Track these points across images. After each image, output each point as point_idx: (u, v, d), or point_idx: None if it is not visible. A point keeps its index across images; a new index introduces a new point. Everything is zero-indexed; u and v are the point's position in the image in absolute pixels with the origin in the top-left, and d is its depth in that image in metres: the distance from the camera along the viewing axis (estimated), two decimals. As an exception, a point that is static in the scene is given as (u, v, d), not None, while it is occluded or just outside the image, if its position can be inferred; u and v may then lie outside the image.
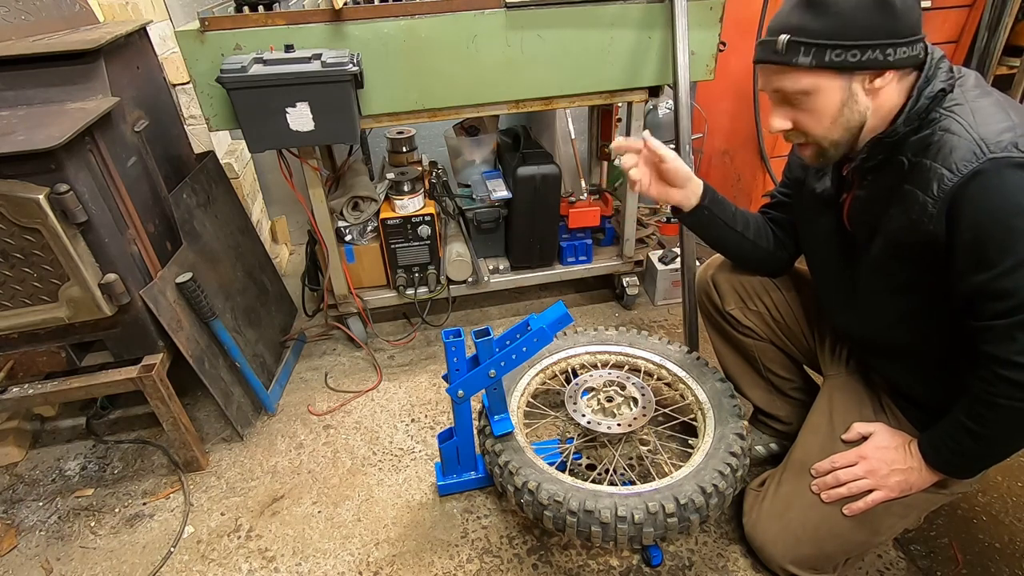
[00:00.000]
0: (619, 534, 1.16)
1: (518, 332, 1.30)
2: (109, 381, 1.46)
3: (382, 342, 2.11)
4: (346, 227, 1.96)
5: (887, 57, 0.90)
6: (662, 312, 2.21)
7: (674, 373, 1.54)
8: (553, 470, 1.28)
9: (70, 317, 1.35)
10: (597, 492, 1.20)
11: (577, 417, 1.40)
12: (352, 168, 2.13)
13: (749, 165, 2.33)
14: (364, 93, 1.61)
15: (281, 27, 1.51)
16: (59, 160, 1.21)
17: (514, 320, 2.20)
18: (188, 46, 1.50)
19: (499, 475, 1.30)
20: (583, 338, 1.66)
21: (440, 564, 1.36)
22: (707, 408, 1.42)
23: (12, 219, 1.22)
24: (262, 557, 1.40)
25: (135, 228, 1.48)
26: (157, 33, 1.94)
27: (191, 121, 2.15)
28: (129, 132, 1.51)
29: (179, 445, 1.59)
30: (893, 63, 0.90)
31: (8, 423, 1.72)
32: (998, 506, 1.42)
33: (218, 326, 1.62)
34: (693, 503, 1.17)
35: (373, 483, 1.58)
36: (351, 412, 1.82)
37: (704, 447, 1.31)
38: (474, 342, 1.28)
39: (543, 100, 1.76)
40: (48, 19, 1.60)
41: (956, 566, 1.30)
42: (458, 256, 2.01)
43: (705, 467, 1.24)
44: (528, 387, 1.57)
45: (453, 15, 1.56)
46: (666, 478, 1.23)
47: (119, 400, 1.90)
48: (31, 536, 1.49)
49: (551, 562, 1.35)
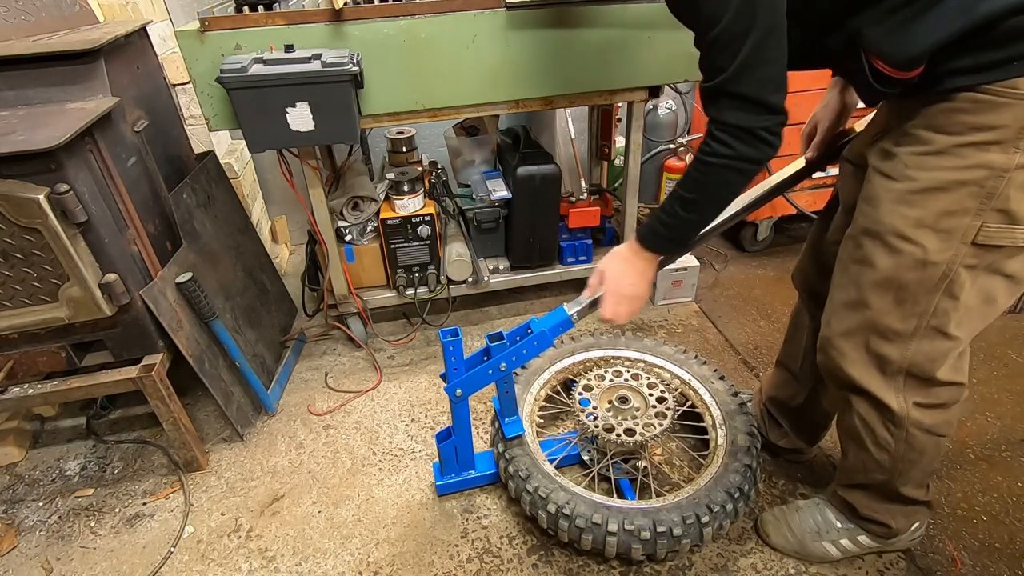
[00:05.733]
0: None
1: (519, 335, 1.30)
2: (109, 381, 1.46)
3: (382, 342, 2.11)
4: (346, 227, 1.96)
5: None
6: (662, 312, 2.21)
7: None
8: (572, 483, 1.30)
9: (70, 317, 1.35)
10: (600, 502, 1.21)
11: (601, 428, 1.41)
12: (352, 168, 2.12)
13: (749, 165, 2.33)
14: (364, 93, 1.61)
15: (281, 27, 1.51)
16: (59, 160, 1.21)
17: (514, 320, 2.20)
18: (188, 46, 1.50)
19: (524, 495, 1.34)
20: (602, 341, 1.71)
21: (440, 564, 1.36)
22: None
23: (12, 219, 1.22)
24: (262, 557, 1.40)
25: (135, 228, 1.48)
26: (157, 33, 1.94)
27: (191, 121, 2.15)
28: (129, 132, 1.51)
29: (179, 445, 1.59)
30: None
31: (8, 423, 1.72)
32: (998, 506, 1.42)
33: (218, 326, 1.62)
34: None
35: (373, 483, 1.58)
36: (351, 412, 1.82)
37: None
38: (488, 346, 1.28)
39: (543, 100, 1.76)
40: (48, 19, 1.60)
41: (956, 566, 1.30)
42: (458, 256, 2.01)
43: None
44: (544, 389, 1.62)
45: (453, 15, 1.56)
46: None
47: (119, 400, 1.90)
48: (31, 536, 1.49)
49: (551, 562, 1.35)
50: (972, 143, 0.85)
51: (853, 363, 1.04)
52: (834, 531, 1.27)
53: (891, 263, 0.95)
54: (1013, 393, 1.73)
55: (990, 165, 0.84)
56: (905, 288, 0.95)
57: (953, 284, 0.93)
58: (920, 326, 0.97)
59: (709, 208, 1.05)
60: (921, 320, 0.96)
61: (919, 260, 0.92)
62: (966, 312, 0.95)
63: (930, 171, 0.89)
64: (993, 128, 0.83)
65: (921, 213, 0.90)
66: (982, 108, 0.83)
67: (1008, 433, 1.60)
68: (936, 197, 0.89)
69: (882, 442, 1.09)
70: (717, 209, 1.06)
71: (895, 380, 1.02)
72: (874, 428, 1.08)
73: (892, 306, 0.97)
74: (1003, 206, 0.86)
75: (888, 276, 0.96)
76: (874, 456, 1.11)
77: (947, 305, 0.94)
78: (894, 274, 0.95)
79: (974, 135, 0.84)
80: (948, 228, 0.90)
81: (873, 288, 0.98)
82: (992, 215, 0.87)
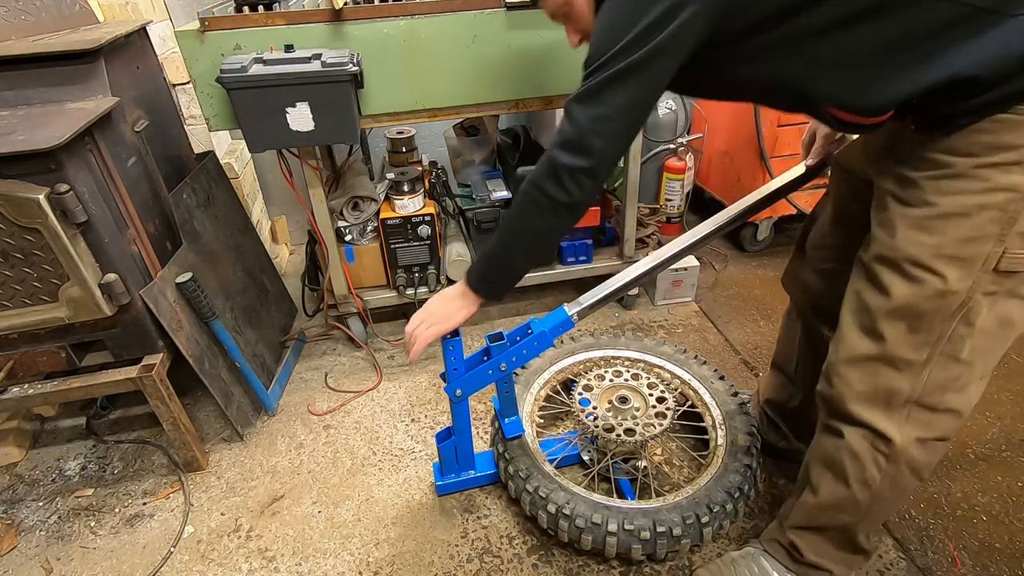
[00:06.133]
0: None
1: (519, 335, 1.30)
2: (109, 381, 1.46)
3: (382, 342, 2.11)
4: (346, 227, 1.96)
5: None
6: (662, 312, 2.21)
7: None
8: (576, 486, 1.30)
9: (70, 317, 1.35)
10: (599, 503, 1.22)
11: (601, 426, 1.41)
12: (352, 168, 2.12)
13: (749, 165, 2.32)
14: (364, 93, 1.61)
15: (281, 27, 1.51)
16: (59, 160, 1.21)
17: (514, 320, 2.20)
18: (188, 46, 1.50)
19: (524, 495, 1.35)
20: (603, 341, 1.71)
21: (440, 564, 1.36)
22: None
23: (12, 219, 1.22)
24: (262, 557, 1.40)
25: (135, 228, 1.48)
26: (157, 33, 1.94)
27: (191, 121, 2.15)
28: (129, 132, 1.51)
29: (179, 445, 1.59)
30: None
31: (8, 423, 1.72)
32: (998, 506, 1.42)
33: (218, 326, 1.62)
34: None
35: (373, 483, 1.58)
36: (351, 412, 1.82)
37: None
38: (488, 346, 1.28)
39: (543, 100, 1.76)
40: (48, 19, 1.60)
41: (956, 566, 1.30)
42: (458, 256, 2.01)
43: None
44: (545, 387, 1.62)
45: (453, 15, 1.56)
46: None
47: (119, 400, 1.90)
48: (31, 536, 1.49)
49: (551, 562, 1.35)
50: (994, 164, 0.81)
51: (858, 396, 0.99)
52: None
53: (908, 292, 0.90)
54: (1013, 393, 1.73)
55: (1014, 187, 0.80)
56: (921, 317, 0.91)
57: (971, 311, 0.89)
58: (933, 354, 0.93)
59: (509, 236, 1.10)
60: (935, 348, 0.92)
61: (938, 290, 0.87)
62: (981, 336, 0.91)
63: (951, 196, 0.84)
64: (1016, 148, 0.78)
65: (940, 240, 0.86)
66: (1004, 128, 0.79)
67: (1008, 433, 1.60)
68: (956, 223, 0.85)
69: (868, 479, 1.02)
70: (517, 240, 1.09)
71: (901, 412, 0.97)
72: (864, 463, 1.01)
73: (905, 335, 0.93)
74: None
75: (903, 305, 0.91)
76: (854, 494, 1.04)
77: (963, 331, 0.90)
78: (910, 303, 0.90)
79: (996, 155, 0.80)
80: (969, 256, 0.85)
81: (887, 316, 0.93)
82: (1015, 239, 0.83)
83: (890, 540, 1.35)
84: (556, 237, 1.11)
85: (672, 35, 0.84)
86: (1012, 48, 0.74)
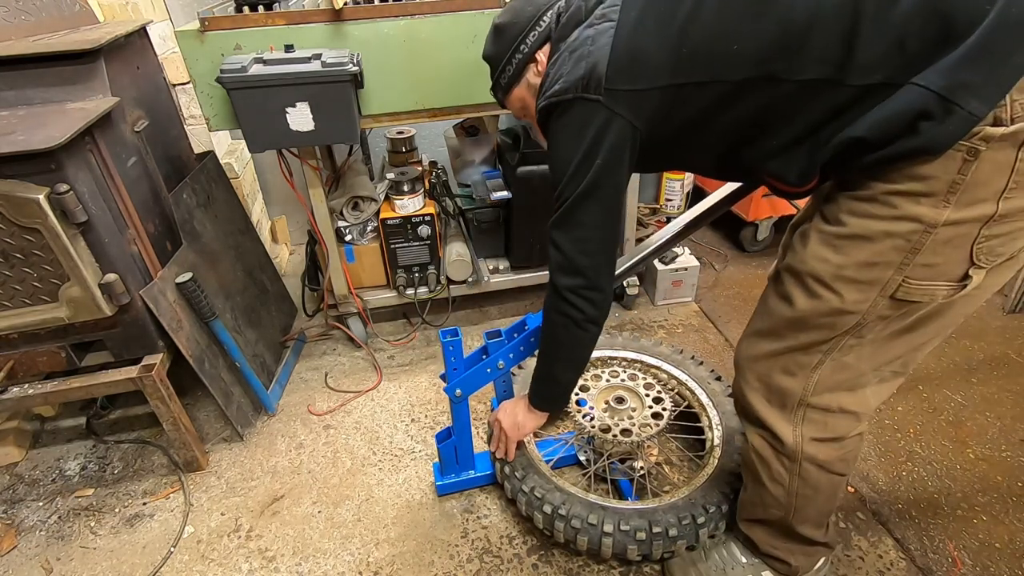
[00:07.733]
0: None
1: (515, 331, 1.30)
2: (109, 381, 1.46)
3: (382, 342, 2.11)
4: (346, 227, 1.96)
5: (525, 51, 1.07)
6: (662, 312, 2.21)
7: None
8: (575, 487, 1.29)
9: (70, 317, 1.35)
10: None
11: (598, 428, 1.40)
12: (352, 168, 2.13)
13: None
14: (364, 93, 1.61)
15: (281, 27, 1.51)
16: (59, 160, 1.21)
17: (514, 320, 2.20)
18: (188, 46, 1.50)
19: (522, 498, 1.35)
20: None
21: (440, 564, 1.36)
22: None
23: (12, 219, 1.22)
24: (262, 557, 1.40)
25: (135, 228, 1.48)
26: (157, 33, 1.94)
27: (191, 121, 2.15)
28: (129, 132, 1.51)
29: (179, 445, 1.59)
30: (532, 51, 1.07)
31: (8, 423, 1.72)
32: (998, 506, 1.42)
33: (218, 326, 1.62)
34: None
35: (373, 483, 1.58)
36: (351, 412, 1.82)
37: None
38: (486, 343, 1.28)
39: (543, 100, 1.75)
40: (48, 19, 1.60)
41: (956, 566, 1.30)
42: (458, 256, 2.01)
43: None
44: None
45: (453, 15, 1.56)
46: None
47: (119, 400, 1.90)
48: (31, 536, 1.49)
49: (551, 562, 1.35)
50: (904, 192, 0.81)
51: (754, 392, 1.05)
52: (739, 566, 1.22)
53: (808, 306, 0.93)
54: (1013, 393, 1.73)
55: (919, 218, 0.81)
56: (817, 328, 0.94)
57: (864, 328, 0.92)
58: (825, 359, 0.97)
59: (549, 358, 1.21)
60: (826, 355, 0.96)
61: (835, 308, 0.90)
62: (870, 346, 0.95)
63: (860, 218, 0.86)
64: (926, 179, 0.79)
65: (844, 260, 0.88)
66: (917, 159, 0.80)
67: (1008, 433, 1.60)
68: (860, 246, 0.86)
69: (776, 476, 1.07)
70: (556, 360, 1.20)
71: (794, 413, 1.02)
72: (769, 462, 1.06)
73: (801, 341, 0.97)
74: (927, 261, 0.83)
75: (802, 316, 0.95)
76: (770, 491, 1.09)
77: (852, 342, 0.94)
78: (808, 316, 0.94)
79: (907, 184, 0.80)
80: (868, 280, 0.87)
81: (787, 324, 0.97)
82: (915, 270, 0.84)
83: (890, 540, 1.36)
84: (590, 345, 1.17)
85: (610, 152, 0.94)
86: (887, 109, 0.78)
